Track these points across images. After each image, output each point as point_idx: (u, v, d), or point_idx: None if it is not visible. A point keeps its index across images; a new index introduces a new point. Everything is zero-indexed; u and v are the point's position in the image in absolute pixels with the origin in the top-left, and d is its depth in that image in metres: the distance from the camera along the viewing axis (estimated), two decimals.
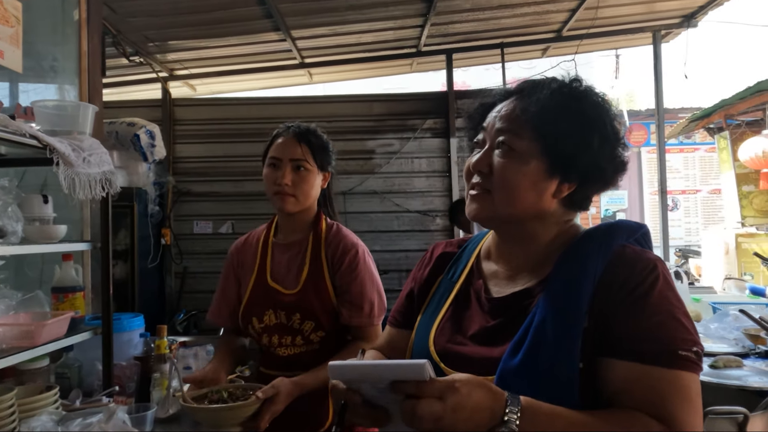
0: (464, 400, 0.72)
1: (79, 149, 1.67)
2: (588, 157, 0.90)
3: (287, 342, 1.58)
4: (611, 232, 0.92)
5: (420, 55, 4.95)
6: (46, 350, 1.59)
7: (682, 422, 0.78)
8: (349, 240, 1.64)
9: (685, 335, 0.81)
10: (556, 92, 0.93)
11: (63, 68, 2.50)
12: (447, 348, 0.95)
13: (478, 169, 0.94)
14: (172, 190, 4.88)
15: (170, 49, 4.54)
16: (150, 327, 4.56)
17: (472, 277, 1.02)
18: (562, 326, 0.83)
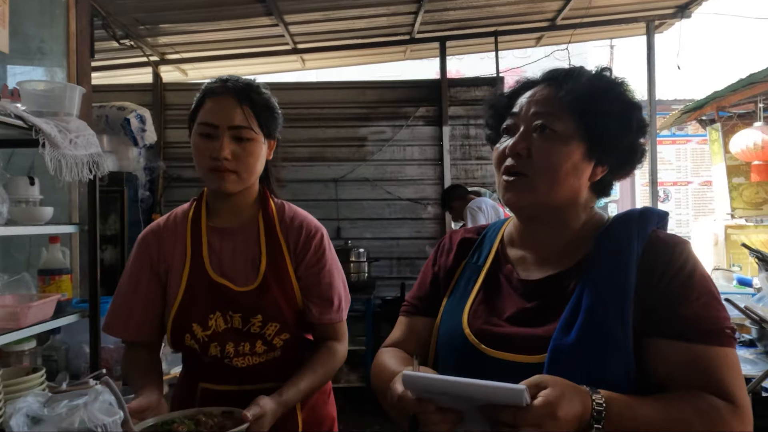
0: (562, 422, 0.71)
1: (66, 131, 1.66)
2: (628, 139, 0.93)
3: (245, 350, 1.29)
4: (645, 217, 0.95)
5: (413, 42, 4.93)
6: (32, 332, 1.59)
7: (738, 396, 0.82)
8: (311, 223, 1.39)
9: (724, 313, 0.86)
10: (597, 77, 0.96)
11: (51, 50, 2.47)
12: (484, 329, 0.95)
13: (516, 152, 0.94)
14: (162, 175, 4.85)
15: (161, 32, 4.49)
16: None
17: (498, 262, 1.03)
18: (616, 306, 0.85)
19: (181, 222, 1.36)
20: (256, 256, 1.32)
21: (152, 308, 1.32)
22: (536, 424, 0.70)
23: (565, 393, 0.73)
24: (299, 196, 4.88)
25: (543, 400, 0.71)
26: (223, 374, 1.30)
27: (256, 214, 1.36)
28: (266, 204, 1.38)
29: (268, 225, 1.35)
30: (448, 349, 0.99)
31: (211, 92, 1.29)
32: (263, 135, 1.30)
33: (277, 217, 1.37)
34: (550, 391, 0.72)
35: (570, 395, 0.73)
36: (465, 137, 4.92)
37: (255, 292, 1.29)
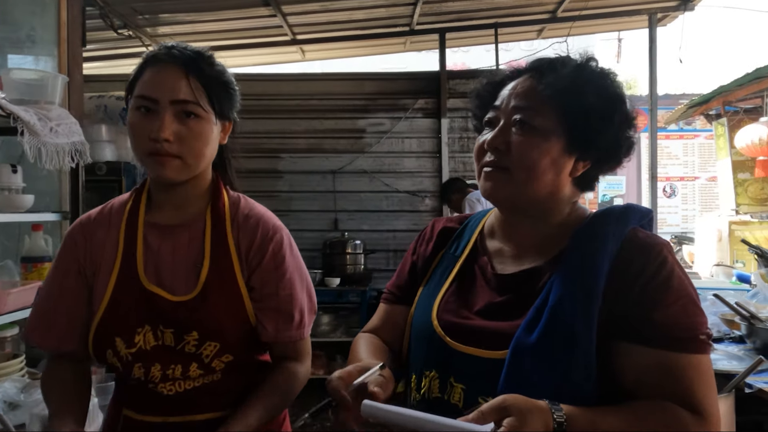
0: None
1: (46, 119, 1.67)
2: (610, 133, 0.91)
3: (176, 374, 1.06)
4: (626, 215, 0.92)
5: (413, 34, 4.90)
6: (13, 318, 1.61)
7: (706, 406, 0.80)
8: (269, 221, 1.16)
9: (701, 318, 0.84)
10: (580, 69, 0.93)
11: (42, 38, 2.48)
12: (452, 322, 0.94)
13: (494, 147, 0.92)
14: None
15: (160, 22, 4.49)
16: None
17: (476, 253, 1.02)
18: (581, 305, 0.83)
19: (116, 215, 1.14)
20: (198, 259, 1.09)
21: (78, 315, 1.10)
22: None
23: (527, 418, 0.72)
24: (296, 187, 4.90)
25: (508, 428, 0.70)
26: (147, 401, 1.09)
27: (203, 209, 1.14)
28: (218, 197, 1.16)
29: (217, 222, 1.12)
30: (418, 339, 0.99)
31: (152, 60, 1.08)
32: (215, 114, 1.09)
33: (230, 213, 1.15)
34: (512, 421, 0.71)
35: (532, 419, 0.72)
36: (464, 130, 4.90)
37: (191, 303, 1.06)
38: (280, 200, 4.92)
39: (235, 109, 1.18)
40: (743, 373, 1.87)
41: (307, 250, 4.80)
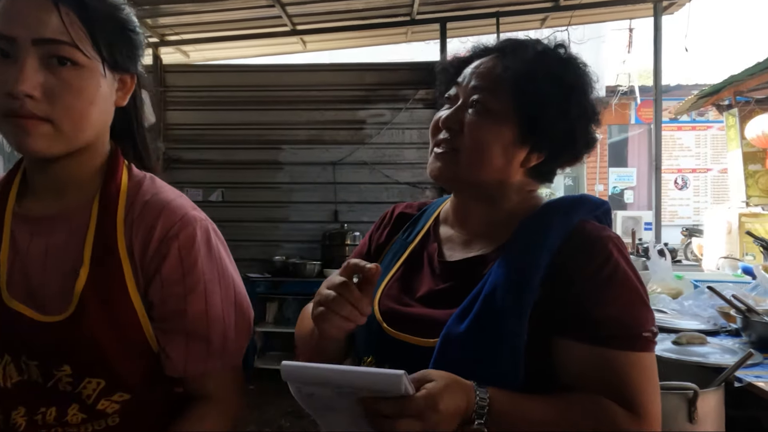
0: (444, 416, 0.70)
1: None
2: (564, 126, 0.88)
3: (49, 419, 0.81)
4: (574, 206, 0.89)
5: (413, 24, 4.86)
6: None
7: (646, 404, 0.78)
8: (176, 211, 0.84)
9: (646, 314, 0.81)
10: (541, 55, 0.90)
11: None
12: (391, 308, 0.93)
13: (448, 126, 0.90)
14: (163, 156, 4.89)
15: (160, 13, 4.49)
16: None
17: (427, 239, 1.00)
18: (513, 296, 0.81)
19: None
20: (75, 264, 0.80)
21: None
22: (417, 415, 0.68)
23: (449, 386, 0.71)
24: (297, 179, 4.89)
25: (425, 392, 0.69)
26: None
27: (91, 196, 0.85)
28: (112, 178, 0.86)
29: (106, 213, 0.83)
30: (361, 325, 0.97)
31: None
32: (103, 62, 0.80)
33: (126, 200, 0.85)
34: (433, 384, 0.70)
35: (454, 389, 0.72)
36: None
37: (61, 325, 0.78)
38: (280, 192, 4.92)
39: (138, 58, 0.88)
40: (732, 367, 1.83)
41: (307, 242, 4.80)
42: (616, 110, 11.19)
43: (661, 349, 2.13)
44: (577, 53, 0.94)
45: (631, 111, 11.67)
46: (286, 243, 4.83)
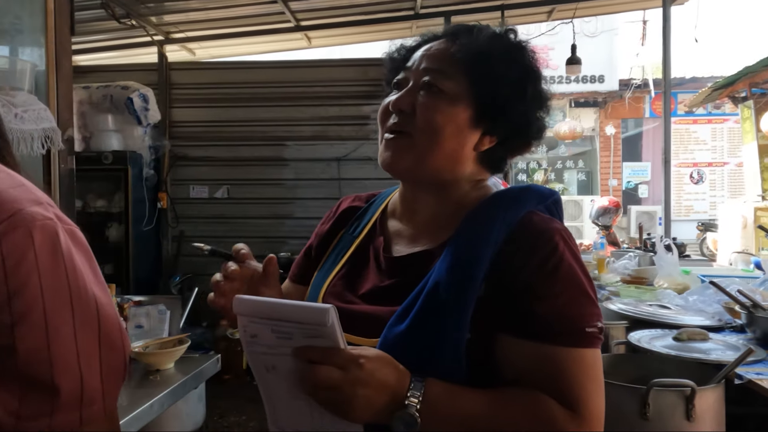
0: (367, 376, 0.68)
1: (10, 105, 1.66)
2: (520, 108, 0.86)
3: None
4: (521, 197, 0.86)
5: (418, 18, 4.82)
6: None
7: (587, 402, 0.75)
8: (5, 205, 0.62)
9: (591, 309, 0.78)
10: (496, 38, 0.88)
11: (28, 27, 2.48)
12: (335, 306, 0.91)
13: (399, 108, 0.86)
14: (168, 154, 4.91)
15: (165, 10, 4.51)
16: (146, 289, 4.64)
17: (374, 233, 0.96)
18: (456, 292, 0.78)
19: None
20: None
21: None
22: (340, 366, 0.67)
23: (383, 357, 0.71)
24: (302, 175, 4.89)
25: (356, 350, 0.69)
26: None
27: None
28: None
29: None
30: None
31: None
32: None
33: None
34: (366, 349, 0.71)
35: (386, 362, 0.71)
36: None
37: None
38: (285, 188, 4.92)
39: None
40: (731, 364, 1.78)
41: None
42: (630, 104, 11.04)
43: (662, 346, 2.09)
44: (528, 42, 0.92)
45: (646, 104, 11.51)
46: (292, 239, 4.83)
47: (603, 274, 3.72)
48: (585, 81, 10.54)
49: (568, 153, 12.09)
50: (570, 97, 10.98)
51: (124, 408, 1.59)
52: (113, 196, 4.50)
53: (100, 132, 4.45)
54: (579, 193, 11.49)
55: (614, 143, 11.56)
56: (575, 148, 11.93)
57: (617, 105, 11.24)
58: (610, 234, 5.12)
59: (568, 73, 5.38)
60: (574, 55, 5.24)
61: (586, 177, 12.22)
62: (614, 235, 5.21)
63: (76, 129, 4.34)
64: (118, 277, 4.32)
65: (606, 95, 11.01)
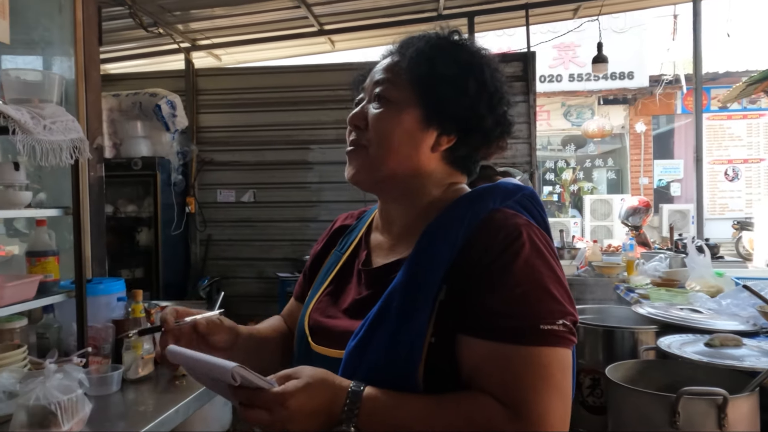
0: (293, 412, 0.70)
1: (39, 117, 1.70)
2: (464, 102, 0.86)
3: None
4: (482, 196, 0.86)
5: (441, 19, 4.78)
6: (11, 311, 1.66)
7: (532, 404, 0.72)
8: None
9: (551, 306, 0.75)
10: (433, 39, 0.90)
11: (58, 39, 2.55)
12: (318, 322, 0.92)
13: (354, 123, 0.91)
14: (195, 159, 4.99)
15: (191, 18, 4.58)
16: (175, 292, 4.71)
17: (359, 248, 0.98)
18: (409, 297, 0.78)
19: None
20: None
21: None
22: (266, 408, 0.70)
23: (310, 385, 0.72)
24: (326, 178, 4.91)
25: (279, 389, 0.71)
26: None
27: None
28: None
29: None
30: (296, 340, 0.97)
31: None
32: None
33: None
34: (292, 382, 0.72)
35: (315, 388, 0.72)
36: None
37: None
38: (310, 191, 4.95)
39: None
40: (765, 373, 1.72)
41: None
42: (660, 100, 10.80)
43: (693, 352, 2.03)
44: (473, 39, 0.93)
45: (677, 101, 11.24)
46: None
47: (632, 276, 3.64)
48: (614, 78, 10.34)
49: (598, 151, 11.89)
50: (598, 95, 10.80)
51: (150, 413, 1.62)
52: (143, 201, 4.58)
53: (129, 138, 4.54)
54: (609, 192, 11.30)
55: (645, 140, 11.32)
56: (604, 146, 11.73)
57: (647, 102, 11.01)
58: (640, 235, 5.00)
59: (595, 72, 5.27)
60: (600, 53, 5.15)
61: (616, 175, 12.00)
62: (644, 236, 5.10)
63: (107, 136, 4.44)
64: (148, 281, 4.40)
65: (636, 92, 10.78)
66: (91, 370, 1.79)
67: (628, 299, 3.16)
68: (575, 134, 11.18)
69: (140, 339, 1.99)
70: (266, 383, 0.71)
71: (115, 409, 1.70)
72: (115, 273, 4.02)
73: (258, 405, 0.70)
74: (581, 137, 10.79)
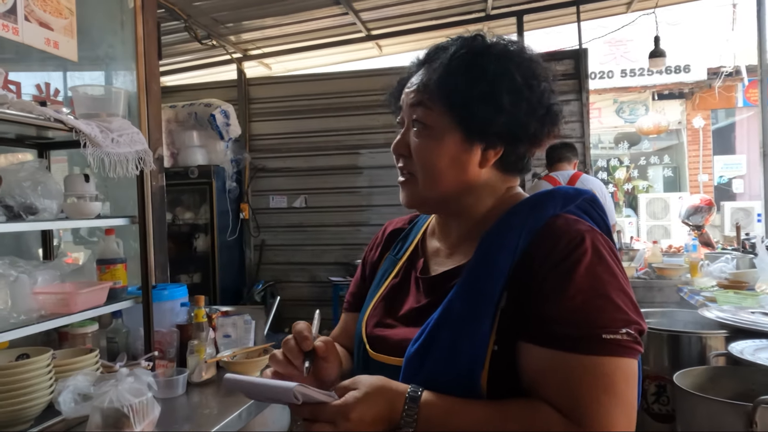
0: (356, 423, 0.72)
1: (107, 130, 1.78)
2: (504, 117, 0.82)
3: None
4: (542, 201, 0.84)
5: (489, 20, 4.74)
6: (84, 317, 1.74)
7: (595, 415, 0.70)
8: None
9: (614, 315, 0.73)
10: (456, 53, 0.85)
11: (121, 54, 2.66)
12: (375, 331, 0.93)
13: (399, 153, 0.90)
14: (249, 166, 5.11)
15: (242, 29, 4.69)
16: (231, 297, 4.83)
17: (416, 255, 0.98)
18: (470, 304, 0.78)
19: None
20: None
21: None
22: (330, 421, 0.72)
23: (369, 395, 0.73)
24: (376, 182, 4.93)
25: (340, 401, 0.73)
26: None
27: None
28: None
29: None
30: (355, 346, 0.98)
31: None
32: None
33: None
34: (350, 394, 0.74)
35: (373, 397, 0.73)
36: None
37: None
38: (360, 196, 4.98)
39: None
40: None
41: None
42: (720, 93, 10.34)
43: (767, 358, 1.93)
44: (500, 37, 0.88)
45: (738, 93, 10.73)
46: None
47: (696, 278, 3.51)
48: (669, 72, 9.96)
49: (653, 148, 11.49)
50: (652, 90, 10.43)
51: (214, 416, 1.66)
52: (200, 209, 4.72)
53: (186, 148, 4.69)
54: (665, 190, 10.89)
55: (703, 136, 10.85)
56: (660, 143, 11.32)
57: (705, 95, 10.55)
58: (703, 234, 4.80)
59: (652, 67, 5.07)
60: (657, 47, 4.96)
61: (673, 173, 11.56)
62: (707, 236, 4.89)
63: (165, 146, 4.61)
64: (206, 286, 4.53)
65: (693, 85, 10.36)
66: (158, 373, 1.85)
67: (692, 302, 3.04)
68: (628, 131, 10.84)
69: (203, 343, 2.05)
70: (327, 397, 0.73)
71: (181, 412, 1.75)
72: (175, 279, 4.16)
73: (322, 419, 0.72)
74: (635, 134, 10.45)
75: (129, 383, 1.50)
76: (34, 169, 1.68)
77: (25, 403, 1.50)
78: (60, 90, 2.27)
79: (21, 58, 2.13)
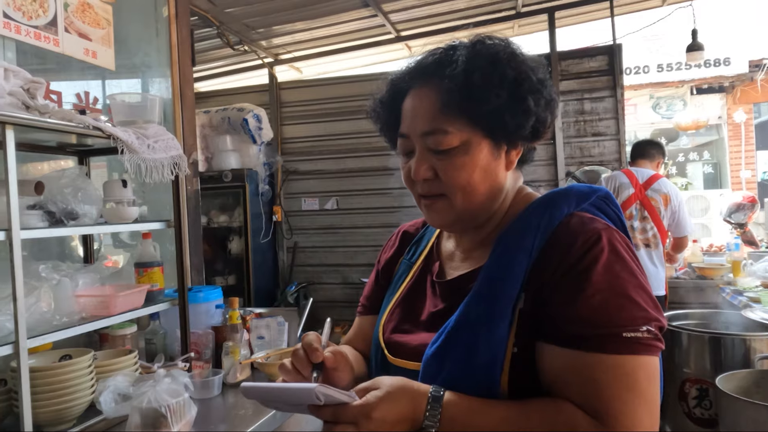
0: (379, 423, 0.71)
1: (144, 137, 1.82)
2: (533, 120, 0.83)
3: None
4: (556, 200, 0.84)
5: (520, 17, 4.69)
6: (123, 319, 1.78)
7: (619, 414, 0.70)
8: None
9: (634, 313, 0.72)
10: (470, 63, 0.82)
11: (156, 62, 2.73)
12: (393, 336, 0.93)
13: (423, 178, 0.86)
14: (281, 169, 5.16)
15: (273, 34, 4.75)
16: (264, 298, 4.88)
17: (430, 258, 0.98)
18: (488, 306, 0.77)
19: None
20: None
21: None
22: (352, 422, 0.71)
23: (391, 394, 0.72)
24: None
25: (362, 401, 0.72)
26: None
27: None
28: None
29: None
30: (372, 350, 0.98)
31: None
32: None
33: None
34: (372, 393, 0.73)
35: (396, 397, 0.72)
36: (579, 113, 4.59)
37: None
38: (392, 197, 4.98)
39: None
40: None
41: None
42: (762, 86, 9.99)
43: None
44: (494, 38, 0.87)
45: None
46: None
47: (739, 278, 3.39)
48: (707, 65, 9.67)
49: (691, 144, 11.17)
50: (691, 84, 10.15)
51: (249, 417, 1.69)
52: (233, 212, 4.80)
53: (220, 152, 4.77)
54: (705, 188, 10.57)
55: (745, 131, 10.50)
56: (699, 139, 11.00)
57: (747, 89, 10.22)
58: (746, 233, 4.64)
59: (689, 61, 4.92)
60: (695, 41, 4.82)
61: (713, 169, 11.22)
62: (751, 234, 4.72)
63: (200, 151, 4.69)
64: (240, 288, 4.60)
65: (733, 79, 10.03)
66: (194, 374, 1.89)
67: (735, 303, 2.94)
68: (666, 127, 10.56)
69: (238, 345, 2.08)
70: (348, 397, 0.72)
71: (216, 412, 1.78)
72: (209, 281, 4.23)
73: (343, 420, 0.71)
74: (672, 130, 10.18)
75: (166, 384, 1.54)
76: (75, 175, 1.73)
77: (67, 402, 1.55)
78: (99, 98, 2.33)
79: (61, 68, 2.20)
